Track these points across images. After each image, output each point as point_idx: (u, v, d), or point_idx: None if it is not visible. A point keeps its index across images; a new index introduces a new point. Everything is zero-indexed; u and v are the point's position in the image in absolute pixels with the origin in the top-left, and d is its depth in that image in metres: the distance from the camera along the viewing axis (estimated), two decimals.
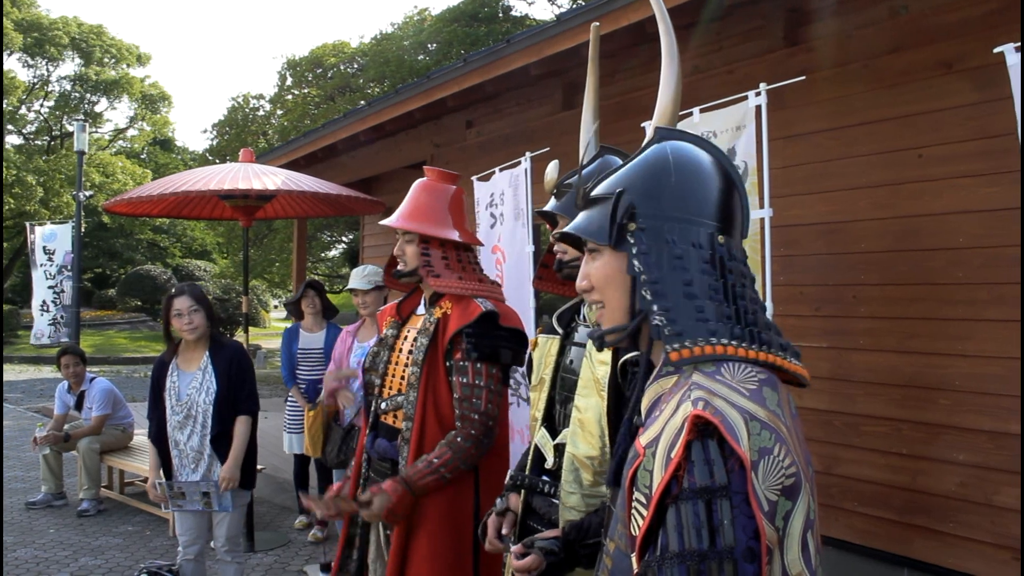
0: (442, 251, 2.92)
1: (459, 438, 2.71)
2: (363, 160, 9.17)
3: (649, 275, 1.35)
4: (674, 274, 1.34)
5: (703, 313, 1.32)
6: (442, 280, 2.85)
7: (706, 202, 1.40)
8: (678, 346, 1.29)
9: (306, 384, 6.04)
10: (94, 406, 7.16)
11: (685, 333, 1.30)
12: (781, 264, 4.45)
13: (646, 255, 1.36)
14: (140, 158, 33.94)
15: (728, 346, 1.30)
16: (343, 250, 26.98)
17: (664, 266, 1.35)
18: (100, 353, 20.03)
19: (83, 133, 12.74)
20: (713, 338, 1.30)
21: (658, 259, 1.35)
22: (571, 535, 1.96)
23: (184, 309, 4.09)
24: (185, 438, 4.09)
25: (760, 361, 1.30)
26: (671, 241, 1.36)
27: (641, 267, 1.36)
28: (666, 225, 1.37)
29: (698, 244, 1.36)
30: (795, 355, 1.38)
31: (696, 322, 1.31)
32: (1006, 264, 3.70)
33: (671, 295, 1.33)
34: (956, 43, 3.93)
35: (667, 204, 1.39)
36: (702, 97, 4.19)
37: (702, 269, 1.35)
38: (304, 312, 6.20)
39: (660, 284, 1.34)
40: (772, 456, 1.18)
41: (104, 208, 7.69)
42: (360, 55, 22.11)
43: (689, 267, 1.34)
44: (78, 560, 5.65)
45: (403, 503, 2.69)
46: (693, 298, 1.33)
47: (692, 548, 1.15)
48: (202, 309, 4.15)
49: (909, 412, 4.09)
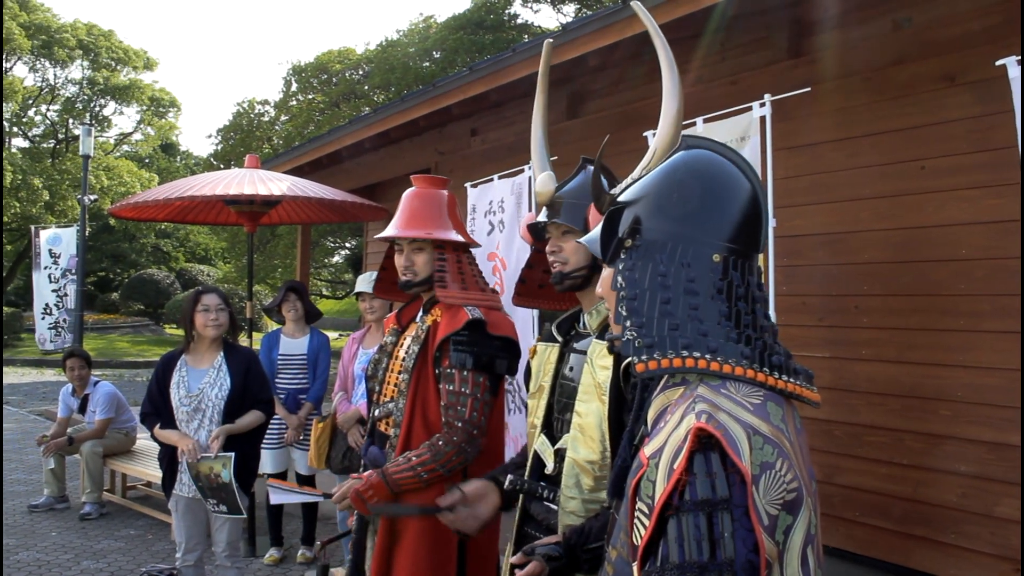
0: (456, 255, 2.92)
1: (440, 442, 2.69)
2: (367, 167, 9.19)
3: (628, 291, 1.37)
4: (654, 292, 1.35)
5: (677, 331, 1.32)
6: (448, 291, 2.85)
7: (721, 216, 1.39)
8: (646, 357, 1.31)
9: (286, 394, 5.67)
10: (98, 410, 7.17)
11: (656, 346, 1.31)
12: (784, 274, 4.46)
13: (631, 271, 1.38)
14: (144, 162, 33.99)
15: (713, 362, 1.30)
16: (346, 256, 27.00)
17: (645, 283, 1.36)
18: (102, 357, 20.02)
19: (89, 137, 12.77)
20: (685, 351, 1.30)
21: (641, 276, 1.37)
22: (572, 539, 1.97)
23: (212, 305, 4.20)
24: (192, 432, 4.11)
25: (757, 382, 1.31)
26: (660, 260, 1.37)
27: (623, 283, 1.38)
28: (668, 243, 1.38)
29: (697, 263, 1.36)
30: (807, 378, 1.38)
31: (668, 333, 1.32)
32: (1008, 276, 3.71)
33: (646, 311, 1.34)
34: (959, 56, 3.95)
35: (674, 220, 1.39)
36: (706, 107, 4.22)
37: (690, 289, 1.35)
38: (285, 317, 5.85)
39: (637, 301, 1.35)
40: (774, 471, 1.19)
41: (110, 212, 7.72)
42: (365, 62, 22.12)
43: (671, 285, 1.35)
44: (80, 564, 5.66)
45: (374, 490, 2.67)
46: (669, 316, 1.33)
47: (692, 560, 1.17)
48: (227, 309, 4.26)
49: (910, 422, 4.10)
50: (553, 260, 2.28)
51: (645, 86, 5.53)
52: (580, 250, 2.23)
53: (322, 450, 5.19)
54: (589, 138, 5.96)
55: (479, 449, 2.75)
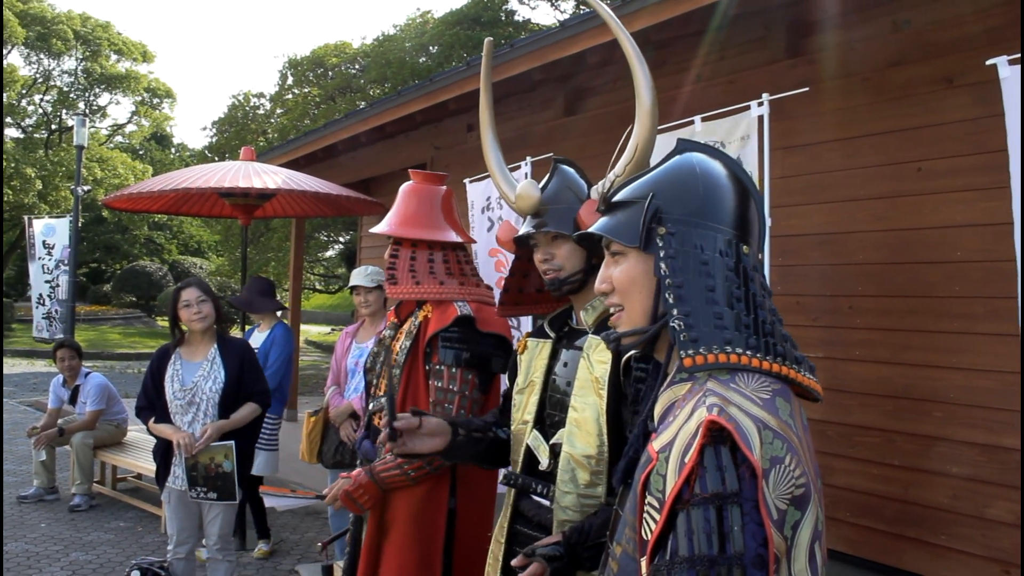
0: (443, 254, 2.91)
1: None
2: (362, 161, 9.18)
3: (674, 279, 1.35)
4: (698, 279, 1.35)
5: (721, 320, 1.32)
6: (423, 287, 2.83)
7: (728, 212, 1.41)
8: (692, 352, 1.30)
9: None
10: (88, 401, 7.15)
11: (701, 340, 1.31)
12: (779, 274, 4.47)
13: (673, 259, 1.37)
14: (138, 154, 33.89)
15: (743, 356, 1.30)
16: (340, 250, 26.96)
17: (690, 271, 1.36)
18: (93, 348, 19.97)
19: (83, 127, 12.72)
20: (728, 347, 1.30)
21: (684, 263, 1.36)
22: (573, 538, 1.96)
23: (192, 300, 4.14)
24: (186, 425, 4.09)
25: (773, 373, 1.31)
26: (698, 246, 1.37)
27: (667, 270, 1.36)
28: (693, 231, 1.38)
29: (723, 252, 1.37)
30: (810, 369, 1.39)
31: (714, 329, 1.32)
32: (1003, 278, 3.72)
33: (693, 300, 1.34)
34: (957, 58, 3.96)
35: (693, 211, 1.40)
36: (704, 106, 4.22)
37: (726, 277, 1.36)
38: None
39: (684, 288, 1.34)
40: (783, 465, 1.19)
41: (104, 203, 7.68)
42: (362, 56, 22.09)
43: (714, 273, 1.35)
44: (69, 555, 5.64)
45: (363, 490, 2.68)
46: (713, 304, 1.33)
47: (702, 553, 1.16)
48: (209, 300, 4.21)
49: (903, 424, 4.11)
50: (547, 268, 2.23)
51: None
52: (574, 255, 2.21)
53: (314, 444, 5.17)
54: (587, 135, 5.96)
55: None
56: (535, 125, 6.72)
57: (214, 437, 4.04)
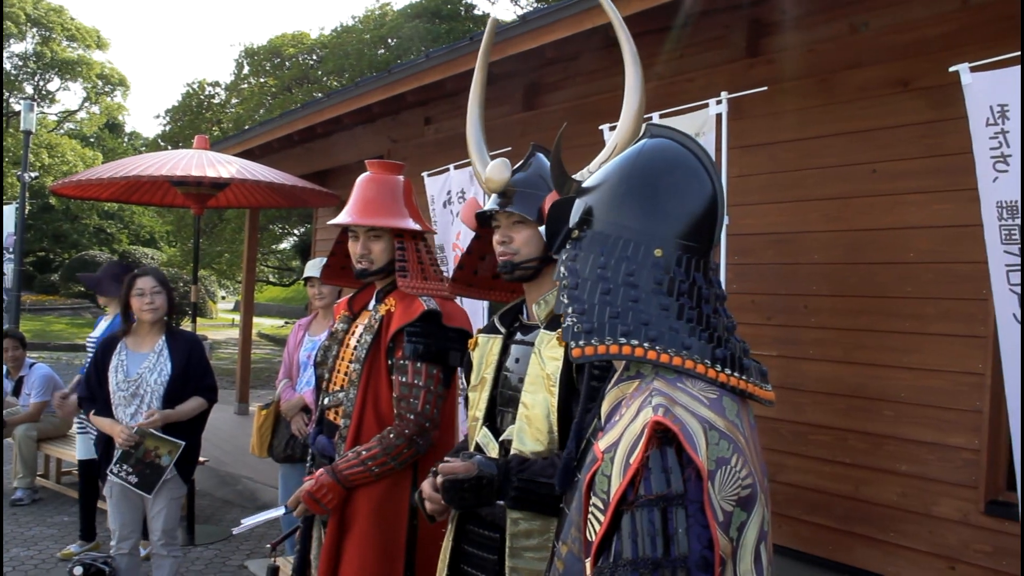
0: (414, 244, 2.87)
1: (392, 435, 2.65)
2: (319, 153, 9.08)
3: (569, 281, 1.35)
4: (594, 283, 1.33)
5: (617, 319, 1.30)
6: (410, 282, 2.79)
7: (674, 211, 1.36)
8: (583, 343, 1.29)
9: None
10: (33, 392, 6.98)
11: (594, 331, 1.30)
12: (734, 272, 4.49)
13: (572, 262, 1.37)
14: (89, 141, 33.24)
15: (675, 357, 1.28)
16: (294, 243, 26.72)
17: (586, 273, 1.34)
18: (38, 339, 19.54)
19: (30, 113, 12.43)
20: (623, 338, 1.28)
21: (582, 267, 1.35)
22: (512, 463, 1.96)
23: (147, 289, 4.05)
24: (128, 417, 3.99)
25: (707, 378, 1.28)
26: (602, 252, 1.35)
27: (565, 273, 1.37)
28: (611, 235, 1.36)
29: (638, 258, 1.33)
30: (761, 375, 1.36)
31: (608, 320, 1.30)
32: (954, 280, 3.77)
33: (586, 299, 1.33)
34: (913, 62, 4.00)
35: (623, 212, 1.37)
36: (662, 103, 4.22)
37: (629, 282, 1.32)
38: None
39: (577, 290, 1.34)
40: (729, 467, 1.18)
41: (52, 190, 7.51)
42: (319, 47, 21.89)
43: (610, 277, 1.33)
44: (9, 551, 5.49)
45: (326, 490, 2.65)
46: (609, 304, 1.31)
47: (646, 556, 1.15)
48: (164, 292, 4.11)
49: (854, 422, 4.15)
50: (503, 250, 2.20)
51: (602, 80, 5.52)
52: (532, 241, 2.17)
53: (264, 438, 5.10)
54: (544, 130, 5.94)
55: (431, 442, 2.71)
56: (492, 119, 6.65)
57: (160, 423, 3.94)
